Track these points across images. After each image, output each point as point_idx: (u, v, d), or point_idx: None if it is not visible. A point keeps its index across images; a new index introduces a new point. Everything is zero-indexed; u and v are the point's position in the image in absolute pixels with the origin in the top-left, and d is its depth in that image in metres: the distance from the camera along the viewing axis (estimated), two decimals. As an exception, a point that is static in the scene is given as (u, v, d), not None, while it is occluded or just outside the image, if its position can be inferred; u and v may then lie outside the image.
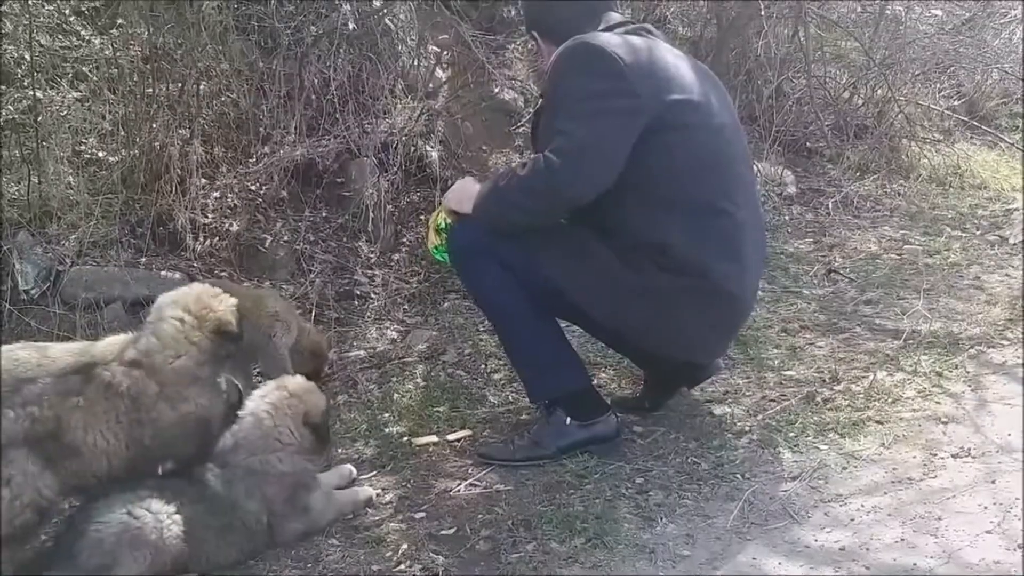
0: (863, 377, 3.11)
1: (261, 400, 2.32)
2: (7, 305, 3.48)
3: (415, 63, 5.05)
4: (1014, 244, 4.72)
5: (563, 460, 2.63)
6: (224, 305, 2.38)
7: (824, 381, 3.10)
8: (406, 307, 4.24)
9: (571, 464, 2.60)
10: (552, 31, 2.71)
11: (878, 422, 2.80)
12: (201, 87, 4.24)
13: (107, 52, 4.63)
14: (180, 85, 4.13)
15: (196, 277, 3.98)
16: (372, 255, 4.50)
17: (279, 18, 4.12)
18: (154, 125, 4.08)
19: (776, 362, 3.30)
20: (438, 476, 2.64)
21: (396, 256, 4.58)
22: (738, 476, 2.51)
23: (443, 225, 2.78)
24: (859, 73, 6.15)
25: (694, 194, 2.52)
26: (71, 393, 2.19)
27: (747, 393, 3.06)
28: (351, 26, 3.82)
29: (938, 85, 7.08)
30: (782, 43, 5.17)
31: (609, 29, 2.61)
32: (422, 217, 4.84)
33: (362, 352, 3.79)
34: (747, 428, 2.79)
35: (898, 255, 4.65)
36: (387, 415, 3.09)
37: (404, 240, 4.70)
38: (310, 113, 4.62)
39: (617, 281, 2.54)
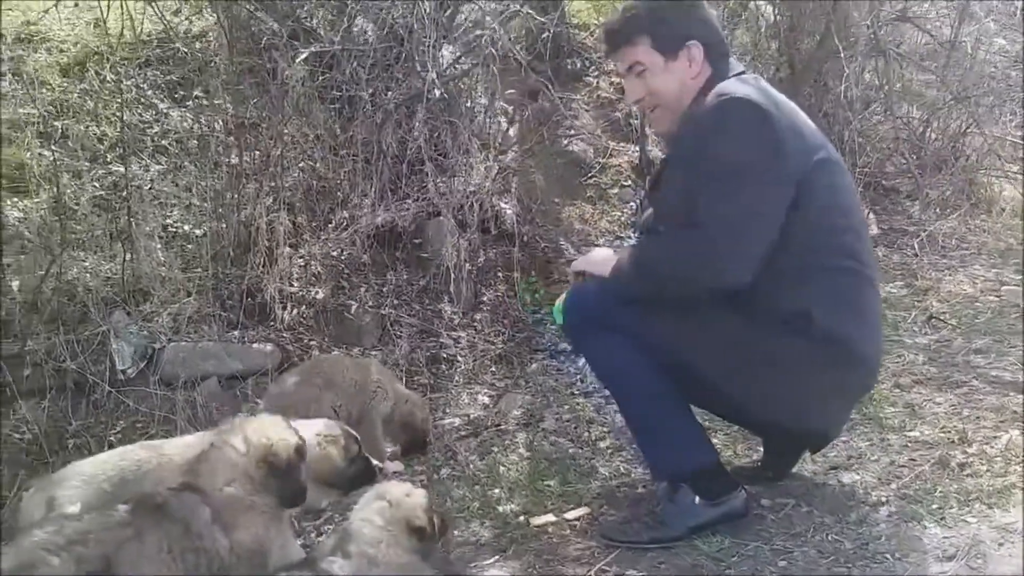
0: (995, 437, 2.96)
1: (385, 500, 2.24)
2: (105, 386, 3.46)
3: (487, 121, 5.04)
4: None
5: (694, 541, 2.51)
6: (281, 436, 2.25)
7: (954, 442, 2.95)
8: (493, 369, 4.18)
9: (704, 546, 2.48)
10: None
11: (1024, 489, 2.64)
12: (285, 157, 4.25)
13: (186, 124, 4.70)
14: (266, 156, 4.14)
15: (286, 348, 3.97)
16: (455, 316, 4.45)
17: (360, 86, 4.12)
18: (239, 195, 4.10)
19: (896, 421, 3.16)
20: (564, 560, 2.54)
21: (478, 316, 4.53)
22: (888, 556, 2.36)
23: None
24: (933, 108, 6.01)
25: (829, 256, 2.42)
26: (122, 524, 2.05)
27: (872, 458, 2.93)
28: (437, 93, 3.80)
29: (1011, 116, 6.92)
30: (860, 82, 5.06)
31: (736, 76, 2.48)
32: (500, 274, 4.80)
33: (456, 420, 3.72)
34: (883, 499, 2.65)
35: (997, 297, 4.49)
36: (497, 491, 3.00)
37: (484, 299, 4.65)
38: (387, 175, 4.62)
39: (747, 349, 2.43)
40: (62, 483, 2.36)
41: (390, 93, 4.40)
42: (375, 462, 2.61)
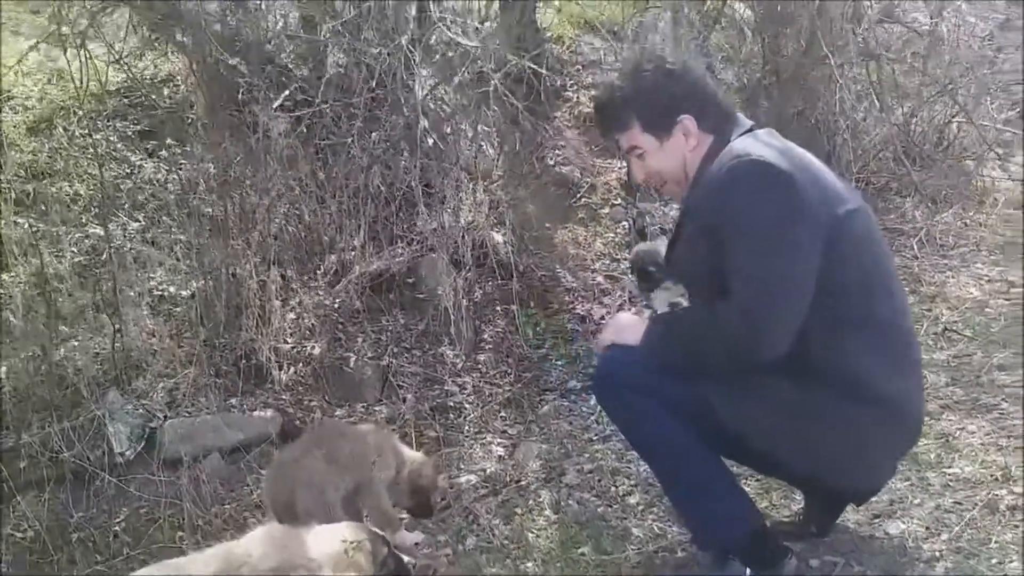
0: (1040, 470, 2.88)
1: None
2: (105, 474, 3.29)
3: (473, 152, 4.89)
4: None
5: (747, 615, 2.40)
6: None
7: (997, 480, 2.85)
8: (503, 415, 4.04)
9: (759, 621, 2.38)
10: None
11: (1081, 531, 2.56)
12: (270, 210, 4.08)
13: (160, 176, 4.51)
14: (252, 212, 3.97)
15: (287, 411, 3.82)
16: (458, 360, 4.31)
17: (344, 132, 3.96)
18: (225, 254, 3.92)
19: (931, 456, 3.07)
20: (614, 645, 2.42)
21: (481, 357, 4.39)
22: (954, 625, 2.27)
23: None
24: (919, 101, 5.93)
25: (865, 310, 2.30)
26: None
27: (915, 501, 2.83)
28: (431, 142, 3.64)
29: (990, 99, 6.87)
30: (850, 87, 4.97)
31: (747, 134, 2.38)
32: (498, 308, 4.67)
33: (473, 476, 3.58)
34: (937, 553, 2.55)
35: (1006, 299, 4.42)
36: (530, 564, 2.87)
37: (485, 337, 4.52)
38: (376, 216, 4.47)
39: (786, 408, 2.31)
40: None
41: (374, 134, 4.24)
42: (406, 559, 2.48)
